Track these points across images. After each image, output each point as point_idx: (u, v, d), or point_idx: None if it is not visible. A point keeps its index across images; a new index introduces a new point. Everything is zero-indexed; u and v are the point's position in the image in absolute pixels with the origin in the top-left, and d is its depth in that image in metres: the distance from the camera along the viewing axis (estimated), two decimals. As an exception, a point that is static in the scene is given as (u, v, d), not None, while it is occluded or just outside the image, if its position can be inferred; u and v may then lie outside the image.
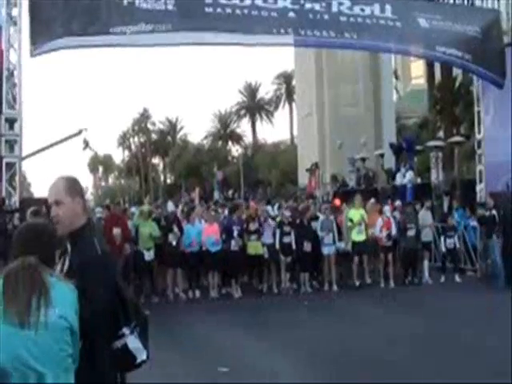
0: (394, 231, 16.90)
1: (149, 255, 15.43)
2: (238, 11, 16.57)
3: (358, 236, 16.76)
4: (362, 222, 16.81)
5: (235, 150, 76.14)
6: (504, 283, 15.85)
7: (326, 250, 16.45)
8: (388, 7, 18.49)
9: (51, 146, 15.86)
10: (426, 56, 23.83)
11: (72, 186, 3.85)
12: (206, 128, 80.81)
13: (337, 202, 20.51)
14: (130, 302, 3.94)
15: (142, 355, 3.91)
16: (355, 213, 17.02)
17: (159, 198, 50.47)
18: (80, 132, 14.91)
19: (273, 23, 16.97)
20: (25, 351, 2.92)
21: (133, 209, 20.49)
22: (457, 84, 39.58)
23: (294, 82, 61.78)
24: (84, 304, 3.29)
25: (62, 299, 3.07)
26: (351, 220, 16.86)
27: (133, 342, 3.85)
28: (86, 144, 14.25)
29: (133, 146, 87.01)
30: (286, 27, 17.12)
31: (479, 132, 21.78)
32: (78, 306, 3.14)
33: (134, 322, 3.88)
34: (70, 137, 15.30)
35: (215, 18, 16.32)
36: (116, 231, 14.78)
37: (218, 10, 16.36)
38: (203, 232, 15.98)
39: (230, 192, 46.37)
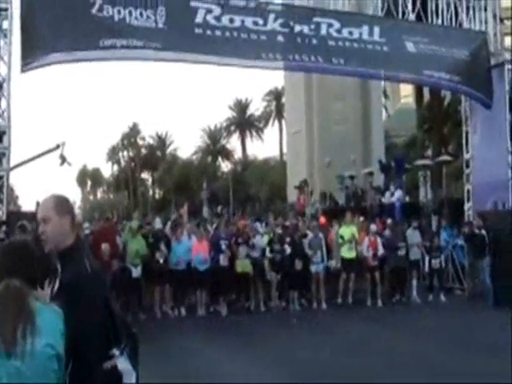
0: (380, 251, 16.87)
1: (136, 272, 15.28)
2: (227, 33, 16.65)
3: (349, 253, 16.75)
4: (353, 240, 16.80)
5: (225, 165, 76.23)
6: (492, 303, 15.90)
7: (314, 268, 16.38)
8: (376, 29, 18.62)
9: (31, 159, 15.62)
10: (413, 81, 24.02)
11: (61, 204, 3.85)
12: (196, 143, 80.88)
13: (322, 220, 20.55)
14: (120, 321, 3.94)
15: (131, 378, 3.90)
16: (346, 230, 17.02)
17: (148, 213, 50.34)
18: (58, 147, 14.65)
19: (262, 47, 17.08)
20: (11, 381, 2.88)
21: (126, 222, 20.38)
22: (445, 103, 39.83)
23: (283, 100, 61.98)
24: (73, 324, 3.29)
25: (49, 326, 3.01)
26: (342, 237, 16.85)
27: (123, 364, 3.83)
28: (63, 159, 14.02)
29: (122, 161, 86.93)
30: (275, 52, 17.24)
31: (467, 151, 21.92)
32: (64, 330, 3.08)
33: (123, 342, 3.88)
34: (48, 151, 15.08)
35: (205, 39, 16.43)
36: (104, 247, 14.68)
37: (208, 31, 16.44)
38: (193, 249, 15.87)
39: (219, 208, 46.29)
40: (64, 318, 3.13)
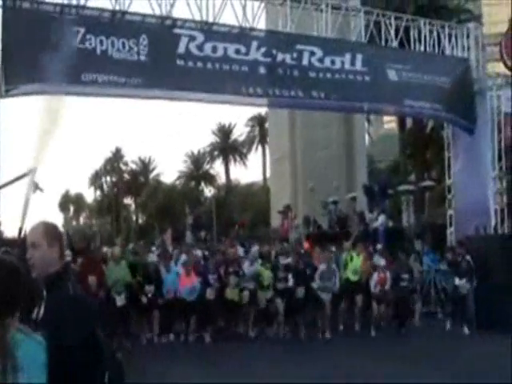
0: (387, 286, 16.89)
1: (120, 300, 14.89)
2: (209, 65, 16.76)
3: (354, 276, 17.11)
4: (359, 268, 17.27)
5: (208, 190, 76.20)
6: (475, 328, 15.99)
7: (324, 296, 16.43)
8: (359, 57, 18.84)
9: (2, 186, 15.30)
10: (395, 113, 24.31)
11: (50, 231, 3.89)
12: (179, 168, 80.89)
13: (306, 245, 20.90)
14: (106, 349, 3.94)
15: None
16: (356, 258, 17.48)
17: (131, 238, 50.09)
18: (30, 172, 14.36)
19: (243, 80, 17.23)
20: None
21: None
22: (428, 129, 40.17)
23: (267, 125, 62.22)
24: (57, 353, 3.28)
25: (30, 360, 2.92)
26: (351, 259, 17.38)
27: (105, 389, 3.83)
28: (36, 186, 13.70)
29: (105, 186, 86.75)
30: (256, 86, 17.40)
31: (449, 177, 22.10)
32: (46, 361, 2.98)
33: (108, 371, 3.87)
34: (19, 178, 14.80)
35: (186, 73, 16.52)
36: (91, 279, 14.26)
37: (190, 63, 16.56)
38: (180, 281, 15.71)
39: (203, 233, 46.20)
40: (48, 346, 3.06)
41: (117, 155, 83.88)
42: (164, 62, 16.34)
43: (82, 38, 15.15)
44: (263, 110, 64.19)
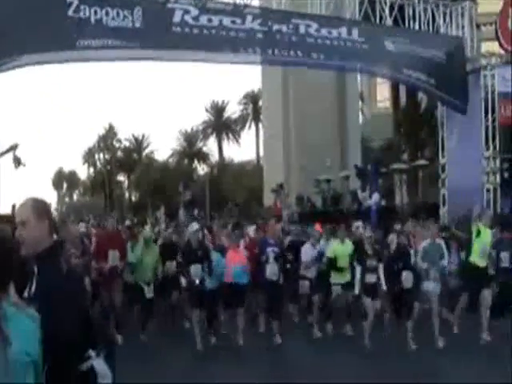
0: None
1: (149, 291, 12.59)
2: (205, 31, 16.73)
3: (480, 259, 12.04)
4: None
5: (201, 168, 76.06)
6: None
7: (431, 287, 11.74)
8: (355, 30, 18.78)
9: None
10: (392, 78, 24.21)
11: (39, 207, 3.85)
12: (172, 146, 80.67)
13: (317, 226, 17.82)
14: (97, 325, 3.95)
15: (106, 379, 3.90)
16: (485, 232, 12.15)
17: (124, 215, 50.01)
18: (12, 148, 14.25)
19: (240, 42, 17.17)
20: None
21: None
22: (422, 108, 40.11)
23: (260, 103, 62.04)
24: (51, 326, 3.28)
25: (22, 332, 2.90)
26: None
27: (99, 365, 3.84)
28: (18, 162, 13.57)
29: (98, 163, 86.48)
30: (254, 46, 17.34)
31: (443, 156, 22.11)
32: (39, 334, 2.98)
33: (100, 344, 3.88)
34: (2, 154, 14.74)
35: (182, 36, 16.46)
36: (113, 254, 12.47)
37: (186, 29, 16.50)
38: (228, 260, 12.32)
39: (196, 211, 46.17)
40: (41, 320, 3.04)
41: (110, 132, 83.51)
42: (160, 28, 16.29)
43: (76, 9, 15.06)
44: (256, 87, 64.05)
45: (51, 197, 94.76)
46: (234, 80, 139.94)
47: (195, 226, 12.84)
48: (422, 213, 22.49)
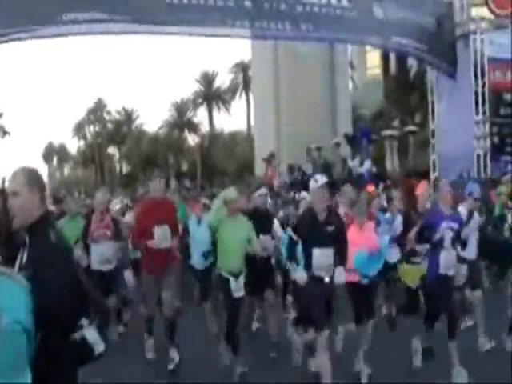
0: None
1: (238, 287, 8.57)
2: (193, 1, 16.61)
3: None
4: None
5: (191, 139, 75.87)
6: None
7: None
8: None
9: None
10: (381, 47, 24.17)
11: (31, 177, 3.86)
12: (163, 117, 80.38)
13: (370, 187, 15.12)
14: (90, 295, 3.97)
15: (99, 347, 3.93)
16: None
17: (115, 188, 49.94)
18: None
19: (229, 14, 17.08)
20: None
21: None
22: (411, 74, 40.04)
23: (250, 72, 61.71)
24: (43, 295, 3.29)
25: (13, 301, 2.87)
26: None
27: (91, 334, 3.87)
28: (3, 131, 13.32)
29: (88, 136, 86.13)
30: (242, 19, 17.26)
31: (433, 122, 22.12)
32: (30, 302, 2.94)
33: (93, 314, 3.91)
34: None
35: (171, 8, 16.35)
36: (161, 231, 9.00)
37: (175, 1, 16.39)
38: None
39: (187, 182, 46.16)
40: (32, 289, 3.01)
41: (99, 105, 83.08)
42: (148, 1, 16.17)
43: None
44: (247, 57, 63.68)
45: (42, 171, 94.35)
46: (224, 50, 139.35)
47: (264, 190, 10.51)
48: (412, 179, 22.65)
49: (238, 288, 8.56)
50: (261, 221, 9.32)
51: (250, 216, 9.06)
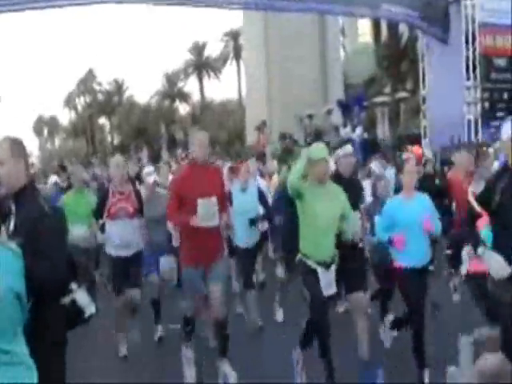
0: None
1: (329, 284, 6.64)
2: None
3: None
4: None
5: (182, 108, 75.58)
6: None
7: None
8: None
9: None
10: (372, 16, 24.10)
11: (15, 146, 3.93)
12: (153, 88, 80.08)
13: (417, 149, 14.92)
14: (78, 262, 4.01)
15: (90, 309, 3.97)
16: None
17: (107, 159, 49.78)
18: None
19: None
20: None
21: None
22: (403, 41, 39.91)
23: (241, 40, 61.36)
24: (33, 260, 3.31)
25: (6, 267, 2.92)
26: None
27: (81, 297, 3.90)
28: None
29: (79, 107, 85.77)
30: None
31: (423, 88, 22.09)
32: (22, 269, 3.01)
33: (81, 278, 3.94)
34: None
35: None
36: (205, 205, 6.89)
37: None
38: None
39: (179, 152, 46.09)
40: (23, 254, 3.08)
41: (90, 76, 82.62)
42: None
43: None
44: (237, 25, 63.23)
45: (33, 143, 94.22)
46: (215, 19, 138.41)
47: (349, 148, 7.91)
48: (404, 144, 22.68)
49: (329, 282, 6.51)
50: (347, 192, 6.84)
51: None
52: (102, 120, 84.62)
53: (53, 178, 14.56)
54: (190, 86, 77.38)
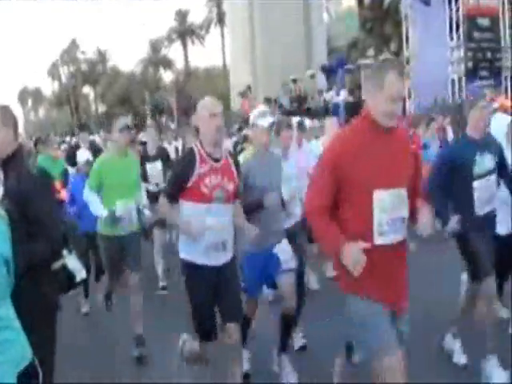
0: None
1: None
2: None
3: None
4: None
5: (166, 76, 75.06)
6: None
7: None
8: None
9: None
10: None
11: (4, 114, 3.94)
12: (137, 57, 79.39)
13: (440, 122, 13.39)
14: (71, 230, 4.07)
15: (81, 274, 4.02)
16: None
17: (92, 128, 49.53)
18: None
19: None
20: None
21: None
22: (386, 3, 39.73)
23: (224, 6, 60.76)
24: (22, 228, 3.35)
25: None
26: None
27: (71, 262, 3.95)
28: None
29: (63, 77, 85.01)
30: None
31: (407, 49, 22.08)
32: (7, 232, 2.91)
33: (71, 244, 3.99)
34: None
35: None
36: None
37: None
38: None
39: (164, 119, 45.86)
40: (12, 219, 2.99)
41: (73, 46, 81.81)
42: None
43: None
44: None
45: (17, 114, 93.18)
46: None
47: None
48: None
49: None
50: None
51: None
52: (86, 89, 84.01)
53: (84, 154, 11.44)
54: (175, 53, 76.64)
